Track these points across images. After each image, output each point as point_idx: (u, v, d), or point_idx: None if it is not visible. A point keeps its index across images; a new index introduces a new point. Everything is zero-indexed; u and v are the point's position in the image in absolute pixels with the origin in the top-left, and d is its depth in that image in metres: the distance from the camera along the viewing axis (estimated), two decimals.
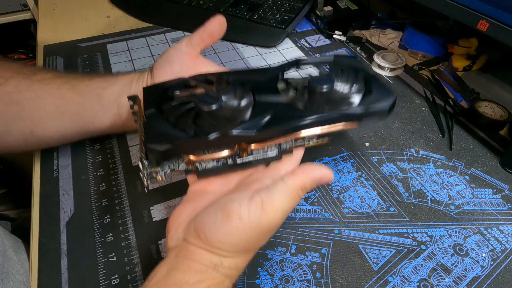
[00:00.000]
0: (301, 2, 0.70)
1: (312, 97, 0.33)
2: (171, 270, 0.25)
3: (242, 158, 0.31)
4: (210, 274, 0.25)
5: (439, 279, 0.33)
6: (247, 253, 0.27)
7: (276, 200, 0.25)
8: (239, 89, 0.32)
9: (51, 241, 0.36)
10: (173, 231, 0.27)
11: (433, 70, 0.59)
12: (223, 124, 0.29)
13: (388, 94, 0.32)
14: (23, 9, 0.93)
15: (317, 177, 0.26)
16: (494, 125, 0.48)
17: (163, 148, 0.27)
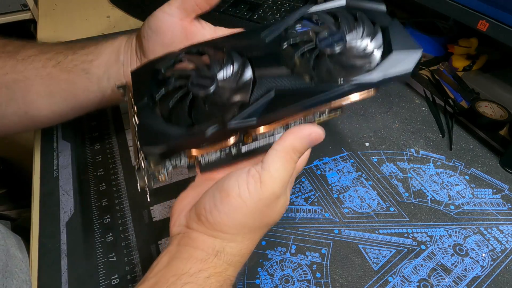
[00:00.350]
0: (301, 2, 0.70)
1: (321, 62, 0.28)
2: (172, 259, 0.24)
3: (247, 145, 0.28)
4: (212, 262, 0.24)
5: (439, 279, 0.33)
6: (252, 234, 0.25)
7: (272, 168, 0.24)
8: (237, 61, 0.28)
9: (51, 241, 0.36)
10: (176, 216, 0.27)
11: (433, 70, 0.59)
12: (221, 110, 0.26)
13: (411, 47, 0.27)
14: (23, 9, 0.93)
15: (305, 134, 0.25)
16: (494, 125, 0.48)
17: (159, 150, 0.25)
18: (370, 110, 0.52)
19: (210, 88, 0.26)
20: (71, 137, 0.47)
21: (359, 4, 0.32)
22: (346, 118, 0.50)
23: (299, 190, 0.41)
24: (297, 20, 0.31)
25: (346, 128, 0.49)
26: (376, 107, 0.52)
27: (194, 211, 0.25)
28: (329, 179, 0.42)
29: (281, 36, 0.30)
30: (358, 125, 0.49)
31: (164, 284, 0.23)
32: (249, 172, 0.24)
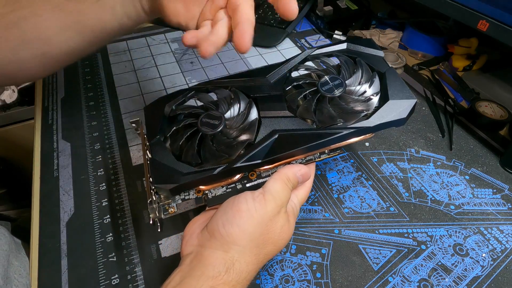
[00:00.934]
0: (301, 2, 0.70)
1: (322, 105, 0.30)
2: (185, 278, 0.26)
3: (252, 182, 0.31)
4: (223, 278, 0.26)
5: (439, 279, 0.33)
6: (256, 249, 0.28)
7: (272, 189, 0.28)
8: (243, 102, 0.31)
9: (51, 241, 0.36)
10: (188, 237, 0.29)
11: (433, 70, 0.59)
12: (229, 149, 0.29)
13: (406, 96, 0.29)
14: None
15: (295, 170, 0.30)
16: (494, 125, 0.48)
17: (170, 187, 0.27)
18: None
19: (218, 128, 0.29)
20: (71, 137, 0.47)
21: (358, 49, 0.34)
22: None
23: None
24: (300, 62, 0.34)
25: None
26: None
27: (206, 230, 0.28)
28: (329, 179, 0.42)
29: (285, 77, 0.33)
30: None
31: None
32: (253, 194, 0.28)
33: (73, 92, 0.54)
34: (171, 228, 0.37)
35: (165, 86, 0.55)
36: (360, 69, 0.31)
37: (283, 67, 0.34)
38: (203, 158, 0.29)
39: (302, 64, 0.34)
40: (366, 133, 0.30)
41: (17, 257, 0.43)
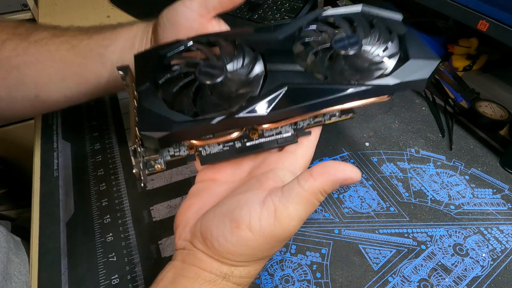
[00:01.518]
0: (301, 2, 0.70)
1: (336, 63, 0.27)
2: (178, 277, 0.23)
3: (252, 141, 0.27)
4: (220, 283, 0.23)
5: (439, 279, 0.33)
6: (262, 261, 0.25)
7: (292, 207, 0.21)
8: (248, 55, 0.27)
9: (51, 241, 0.36)
10: (180, 229, 0.25)
11: None
12: (229, 101, 0.25)
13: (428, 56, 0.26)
14: (23, 9, 0.93)
15: (339, 178, 0.22)
16: (494, 125, 0.48)
17: (159, 136, 0.23)
18: (370, 110, 0.52)
19: (219, 78, 0.25)
20: (71, 137, 0.47)
21: (375, 12, 0.32)
22: None
23: None
24: (310, 21, 0.30)
25: (346, 128, 0.49)
26: (376, 107, 0.52)
27: (199, 230, 0.24)
28: None
29: (295, 35, 0.29)
30: (358, 125, 0.49)
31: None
32: (264, 203, 0.22)
33: None
34: (171, 229, 0.37)
35: None
36: (378, 29, 0.29)
37: (292, 24, 0.30)
38: (199, 109, 0.25)
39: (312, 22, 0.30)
40: (384, 92, 0.26)
41: (17, 254, 0.43)
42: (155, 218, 0.38)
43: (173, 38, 0.31)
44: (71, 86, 0.36)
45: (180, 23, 0.32)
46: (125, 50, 0.36)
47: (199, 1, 0.32)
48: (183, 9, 0.32)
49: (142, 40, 0.36)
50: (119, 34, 0.36)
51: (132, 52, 0.34)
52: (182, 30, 0.32)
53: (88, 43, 0.36)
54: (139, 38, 0.36)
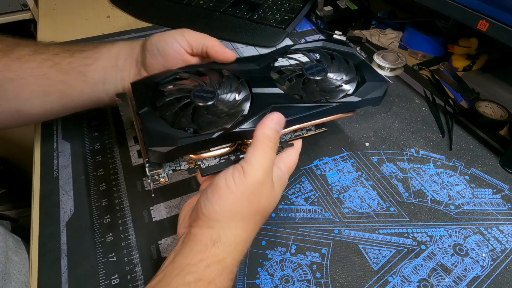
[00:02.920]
0: (301, 2, 0.70)
1: (308, 87, 0.33)
2: (176, 255, 0.27)
3: (244, 154, 0.31)
4: (210, 251, 0.26)
5: (439, 279, 0.33)
6: (243, 222, 0.28)
7: (252, 159, 0.27)
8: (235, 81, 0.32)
9: (51, 241, 0.36)
10: (181, 220, 0.30)
11: (433, 70, 0.59)
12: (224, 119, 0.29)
13: (380, 80, 0.34)
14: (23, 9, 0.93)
15: (268, 121, 0.28)
16: (494, 125, 0.48)
17: (166, 150, 0.27)
18: (370, 110, 0.52)
19: (212, 100, 0.29)
20: (71, 137, 0.47)
21: (333, 46, 0.38)
22: (346, 118, 0.50)
23: (299, 190, 0.41)
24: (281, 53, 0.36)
25: (346, 128, 0.49)
26: (376, 107, 0.52)
27: (194, 212, 0.29)
28: (329, 179, 0.42)
29: (270, 65, 0.35)
30: (358, 125, 0.49)
31: (169, 276, 0.25)
32: (235, 167, 0.27)
33: None
34: (171, 229, 0.37)
35: None
36: (338, 60, 0.35)
37: (267, 56, 0.36)
38: (197, 127, 0.28)
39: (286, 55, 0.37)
40: (350, 108, 0.33)
41: (17, 252, 0.43)
42: (155, 218, 0.38)
43: (159, 65, 0.36)
44: (53, 101, 0.38)
45: (169, 55, 0.36)
46: (108, 69, 0.38)
47: (188, 40, 0.36)
48: (173, 42, 0.36)
49: (126, 60, 0.38)
50: (101, 53, 0.38)
51: (115, 70, 0.38)
52: (170, 60, 0.36)
53: (70, 61, 0.37)
54: (123, 58, 0.38)
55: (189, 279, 0.25)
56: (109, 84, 0.38)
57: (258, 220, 0.29)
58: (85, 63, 0.37)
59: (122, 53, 0.38)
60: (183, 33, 0.36)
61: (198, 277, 0.25)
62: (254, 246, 0.36)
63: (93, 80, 0.37)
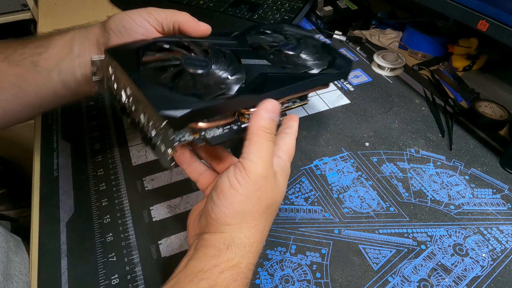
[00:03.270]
0: (301, 2, 0.70)
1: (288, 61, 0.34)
2: (190, 261, 0.26)
3: (244, 123, 0.30)
4: (225, 256, 0.26)
5: (439, 279, 0.33)
6: (255, 222, 0.27)
7: (250, 155, 0.26)
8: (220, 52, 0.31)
9: (51, 241, 0.36)
10: (191, 227, 0.30)
11: (433, 70, 0.59)
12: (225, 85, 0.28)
13: (346, 57, 0.36)
14: (23, 9, 0.93)
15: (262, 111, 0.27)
16: (494, 125, 0.48)
17: (181, 114, 0.24)
18: (370, 110, 0.52)
19: (205, 68, 0.28)
20: (71, 137, 0.47)
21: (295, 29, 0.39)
22: (346, 118, 0.50)
23: (299, 190, 0.41)
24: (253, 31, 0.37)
25: (346, 128, 0.49)
26: (376, 107, 0.52)
27: (203, 218, 0.28)
28: (329, 179, 0.42)
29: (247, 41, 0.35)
30: (358, 125, 0.49)
31: (183, 282, 0.25)
32: (235, 166, 0.27)
33: None
34: (171, 229, 0.37)
35: None
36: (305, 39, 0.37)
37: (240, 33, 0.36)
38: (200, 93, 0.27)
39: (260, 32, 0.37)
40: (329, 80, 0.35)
41: (17, 253, 0.43)
42: (155, 218, 0.38)
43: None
44: (8, 98, 0.35)
45: (138, 32, 0.33)
46: (62, 57, 0.34)
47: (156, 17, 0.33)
48: (141, 19, 0.33)
49: (83, 44, 0.35)
50: (53, 41, 0.35)
51: (71, 57, 0.34)
52: (137, 37, 0.33)
53: (22, 52, 0.34)
54: (79, 43, 0.35)
55: (203, 285, 0.24)
56: (65, 73, 0.34)
57: (269, 216, 0.28)
58: (36, 52, 0.34)
59: (76, 37, 0.35)
60: (151, 12, 0.33)
61: (212, 283, 0.25)
62: None
63: (46, 70, 0.34)
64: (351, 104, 0.53)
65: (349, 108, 0.52)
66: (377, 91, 0.55)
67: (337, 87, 0.56)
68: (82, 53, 0.34)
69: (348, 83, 0.57)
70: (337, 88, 0.56)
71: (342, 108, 0.52)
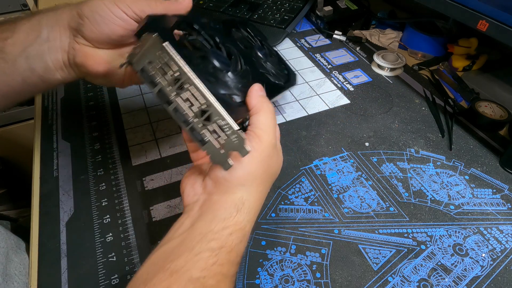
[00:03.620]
0: (301, 2, 0.70)
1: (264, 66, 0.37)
2: (196, 222, 0.27)
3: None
4: (233, 219, 0.27)
5: (439, 279, 0.33)
6: (261, 186, 0.29)
7: (260, 124, 0.29)
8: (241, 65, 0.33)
9: (51, 241, 0.36)
10: (189, 188, 0.30)
11: (433, 70, 0.59)
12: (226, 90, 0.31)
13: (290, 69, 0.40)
14: (23, 9, 0.93)
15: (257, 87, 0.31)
16: (494, 125, 0.48)
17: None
18: (370, 110, 0.52)
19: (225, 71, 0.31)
20: (71, 137, 0.47)
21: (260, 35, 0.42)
22: (346, 118, 0.50)
23: (299, 190, 0.41)
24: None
25: (346, 128, 0.49)
26: (376, 107, 0.52)
27: (209, 179, 0.29)
28: (329, 179, 0.42)
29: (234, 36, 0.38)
30: (358, 125, 0.49)
31: (191, 242, 0.26)
32: (248, 134, 0.28)
33: (73, 92, 0.54)
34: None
35: None
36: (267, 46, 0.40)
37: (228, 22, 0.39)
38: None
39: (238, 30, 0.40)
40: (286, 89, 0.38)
41: (17, 253, 0.43)
42: (155, 218, 0.38)
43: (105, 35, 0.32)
44: None
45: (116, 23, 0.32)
46: (29, 42, 0.32)
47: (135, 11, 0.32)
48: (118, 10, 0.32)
49: (52, 28, 0.32)
50: (19, 25, 0.32)
51: (39, 42, 0.32)
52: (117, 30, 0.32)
53: None
54: (48, 27, 0.32)
55: (213, 245, 0.26)
56: (33, 59, 0.32)
57: (270, 184, 0.31)
58: (2, 38, 0.32)
59: (44, 21, 0.32)
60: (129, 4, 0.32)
61: (221, 244, 0.26)
62: (254, 246, 0.36)
63: (12, 56, 0.32)
64: (351, 104, 0.53)
65: (349, 108, 0.52)
66: (377, 91, 0.55)
67: (337, 87, 0.56)
68: (52, 38, 0.32)
69: (348, 83, 0.57)
70: (337, 88, 0.56)
71: (342, 108, 0.52)
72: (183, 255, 0.25)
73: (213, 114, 0.27)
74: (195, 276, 0.24)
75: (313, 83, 0.56)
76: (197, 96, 0.27)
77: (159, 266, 0.25)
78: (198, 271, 0.24)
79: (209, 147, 0.27)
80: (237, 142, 0.27)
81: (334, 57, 0.62)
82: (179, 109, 0.27)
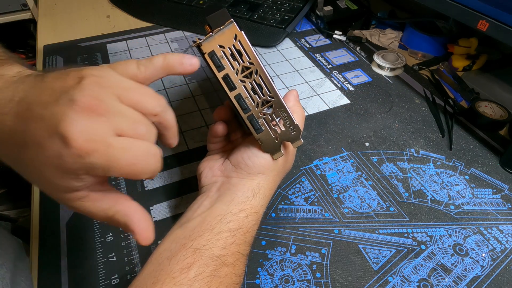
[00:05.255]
0: (301, 2, 0.70)
1: None
2: (215, 203, 0.29)
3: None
4: (250, 203, 0.30)
5: (439, 279, 0.33)
6: (276, 177, 0.32)
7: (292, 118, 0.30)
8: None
9: (51, 241, 0.36)
10: (207, 170, 0.33)
11: (433, 70, 0.59)
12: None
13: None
14: (23, 9, 0.93)
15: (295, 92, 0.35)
16: (494, 125, 0.48)
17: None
18: (370, 110, 0.52)
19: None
20: None
21: None
22: (346, 118, 0.50)
23: (299, 190, 0.41)
24: None
25: (346, 128, 0.49)
26: (376, 107, 0.52)
27: (230, 163, 0.32)
28: (329, 179, 0.42)
29: None
30: (358, 125, 0.49)
31: (211, 222, 0.28)
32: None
33: None
34: None
35: (164, 86, 0.55)
36: None
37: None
38: None
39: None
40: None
41: (21, 258, 0.43)
42: (155, 218, 0.38)
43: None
44: None
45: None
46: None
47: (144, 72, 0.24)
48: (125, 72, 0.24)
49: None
50: None
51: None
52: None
53: None
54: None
55: (231, 226, 0.28)
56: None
57: (282, 176, 0.34)
58: None
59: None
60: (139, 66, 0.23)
61: (239, 225, 0.28)
62: (254, 246, 0.36)
63: None
64: (351, 104, 0.53)
65: (349, 108, 0.52)
66: (377, 91, 0.55)
67: (337, 87, 0.56)
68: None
69: (348, 83, 0.57)
70: (337, 88, 0.56)
71: (342, 108, 0.52)
72: (204, 234, 0.27)
73: (276, 105, 0.28)
74: (216, 254, 0.26)
75: (313, 83, 0.56)
76: (264, 87, 0.28)
77: (181, 243, 0.27)
78: (219, 249, 0.26)
79: (264, 135, 0.29)
80: (294, 134, 0.29)
81: (334, 57, 0.62)
82: (242, 96, 0.28)
